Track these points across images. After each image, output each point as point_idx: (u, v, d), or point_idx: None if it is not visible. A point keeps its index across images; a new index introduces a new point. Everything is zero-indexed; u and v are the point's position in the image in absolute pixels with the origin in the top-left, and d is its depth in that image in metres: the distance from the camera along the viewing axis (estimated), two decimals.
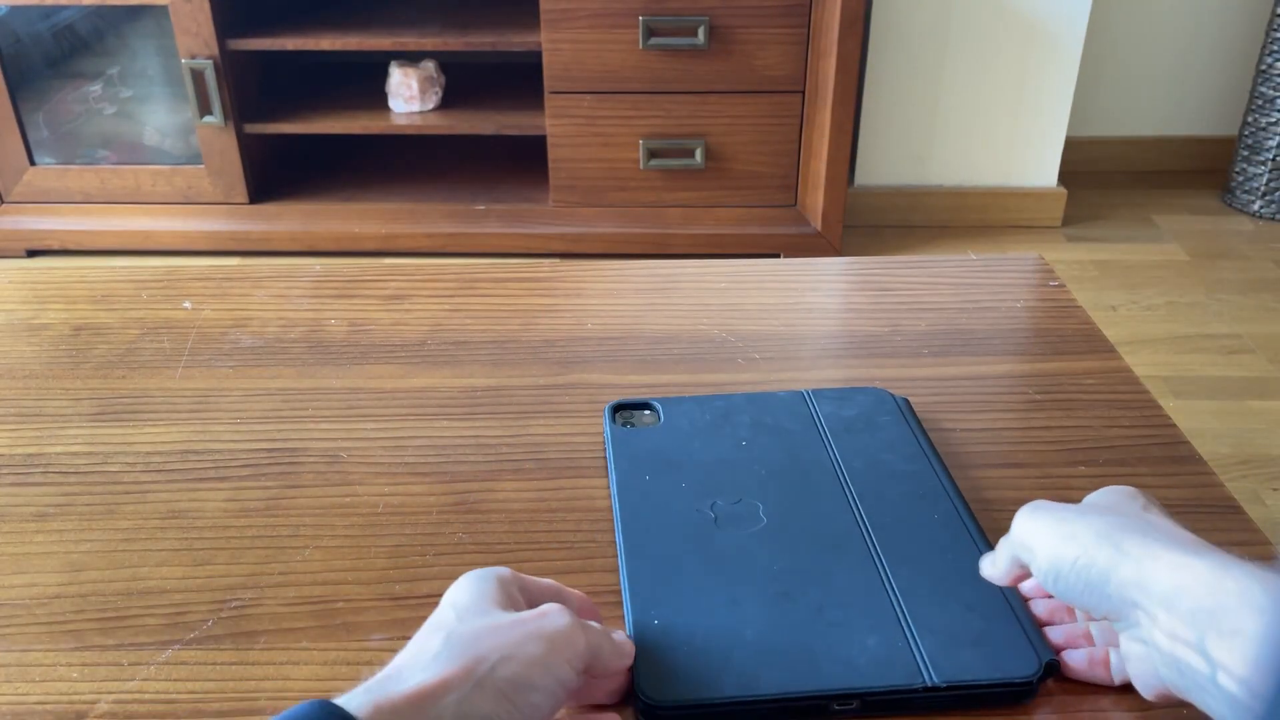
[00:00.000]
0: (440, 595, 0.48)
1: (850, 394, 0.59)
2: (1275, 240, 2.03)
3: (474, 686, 0.35)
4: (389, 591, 0.48)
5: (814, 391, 0.59)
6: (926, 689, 0.41)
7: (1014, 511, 0.53)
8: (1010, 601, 0.45)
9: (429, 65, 1.93)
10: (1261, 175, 2.09)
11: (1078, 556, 0.39)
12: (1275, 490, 1.31)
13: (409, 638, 0.46)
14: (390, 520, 0.52)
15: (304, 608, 0.47)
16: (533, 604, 0.41)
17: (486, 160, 2.07)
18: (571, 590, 0.44)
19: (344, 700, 0.35)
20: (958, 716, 0.41)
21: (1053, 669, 0.42)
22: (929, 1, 1.91)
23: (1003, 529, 0.54)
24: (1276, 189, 2.09)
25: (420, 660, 0.36)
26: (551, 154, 1.86)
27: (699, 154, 1.84)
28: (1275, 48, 2.01)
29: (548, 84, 1.80)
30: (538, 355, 0.66)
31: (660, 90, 1.80)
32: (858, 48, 1.72)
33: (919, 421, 0.57)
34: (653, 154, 1.85)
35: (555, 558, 0.50)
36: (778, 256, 1.90)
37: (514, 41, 1.80)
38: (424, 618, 0.47)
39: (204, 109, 1.82)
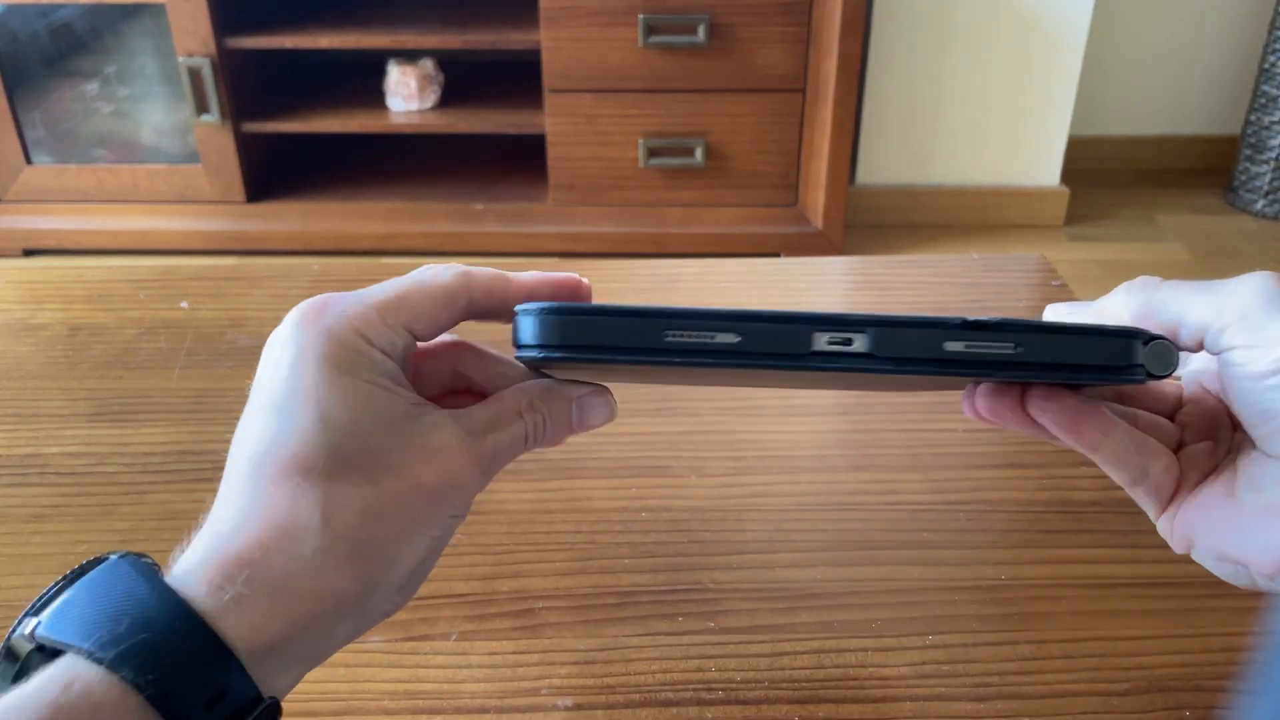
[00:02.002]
0: (438, 597, 0.48)
1: None
2: (1278, 239, 2.02)
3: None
4: None
5: None
6: (969, 325, 0.27)
7: (1017, 513, 0.53)
8: None
9: (427, 64, 1.93)
10: (1265, 174, 2.08)
11: None
12: None
13: (408, 639, 0.46)
14: None
15: None
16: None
17: (485, 159, 2.06)
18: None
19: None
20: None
21: (1163, 356, 0.29)
22: None
23: (1003, 529, 0.53)
24: (1279, 188, 2.08)
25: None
26: (551, 153, 1.86)
27: (699, 153, 1.84)
28: (1278, 46, 2.00)
29: (547, 82, 1.79)
30: None
31: (660, 89, 1.79)
32: (859, 46, 1.72)
33: None
34: (652, 153, 1.84)
35: (555, 559, 0.50)
36: (778, 256, 1.90)
37: (513, 40, 1.80)
38: (422, 619, 0.46)
39: (201, 108, 1.82)
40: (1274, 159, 2.06)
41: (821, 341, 0.28)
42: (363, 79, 2.01)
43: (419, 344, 0.29)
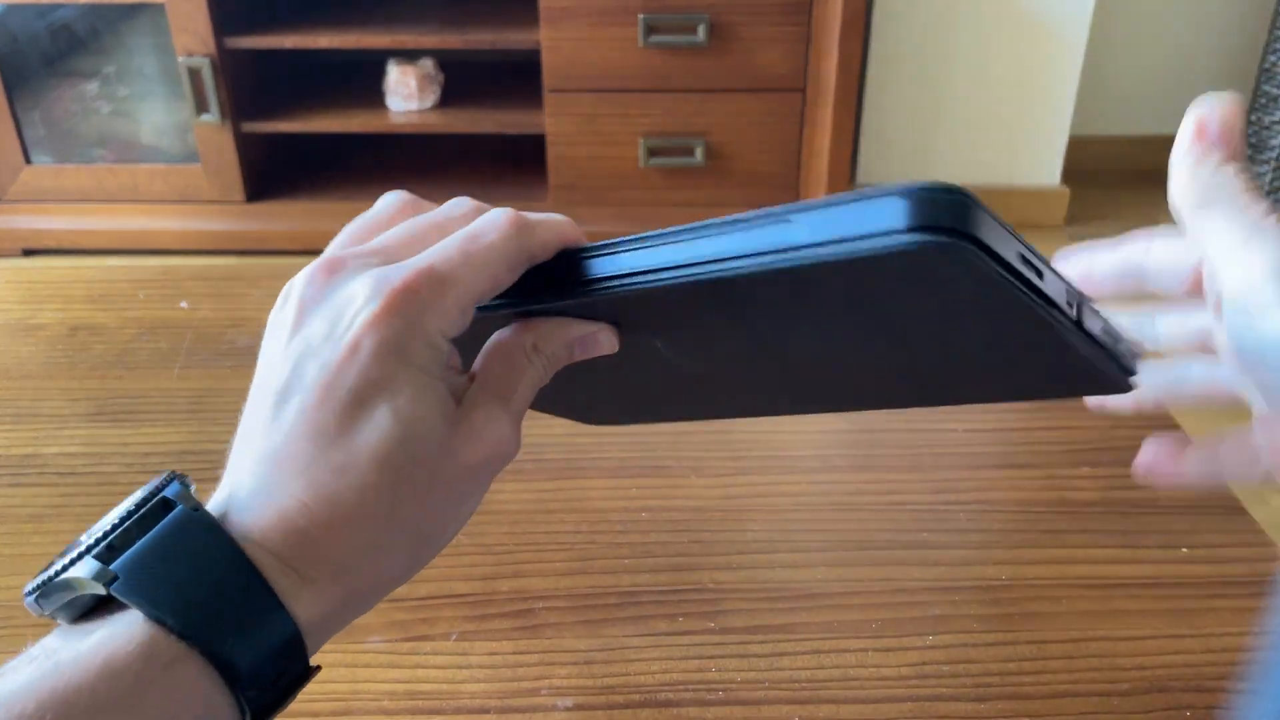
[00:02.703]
0: (438, 597, 0.48)
1: None
2: None
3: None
4: None
5: None
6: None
7: (1018, 514, 0.53)
8: None
9: (427, 63, 1.93)
10: (1265, 174, 2.08)
11: None
12: (1278, 491, 1.31)
13: (408, 639, 0.46)
14: None
15: None
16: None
17: (485, 159, 2.06)
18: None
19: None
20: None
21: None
22: None
23: (1004, 530, 0.53)
24: None
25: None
26: (550, 152, 1.86)
27: (699, 152, 1.84)
28: (1278, 46, 2.00)
29: (547, 82, 1.79)
30: None
31: (660, 88, 1.79)
32: (859, 45, 1.72)
33: None
34: (652, 152, 1.84)
35: (555, 559, 0.50)
36: None
37: (513, 39, 1.80)
38: (422, 619, 0.46)
39: (201, 107, 1.82)
40: (1275, 159, 2.06)
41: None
42: (362, 79, 2.01)
43: None
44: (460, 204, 0.30)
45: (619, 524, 0.52)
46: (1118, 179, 2.24)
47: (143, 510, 0.25)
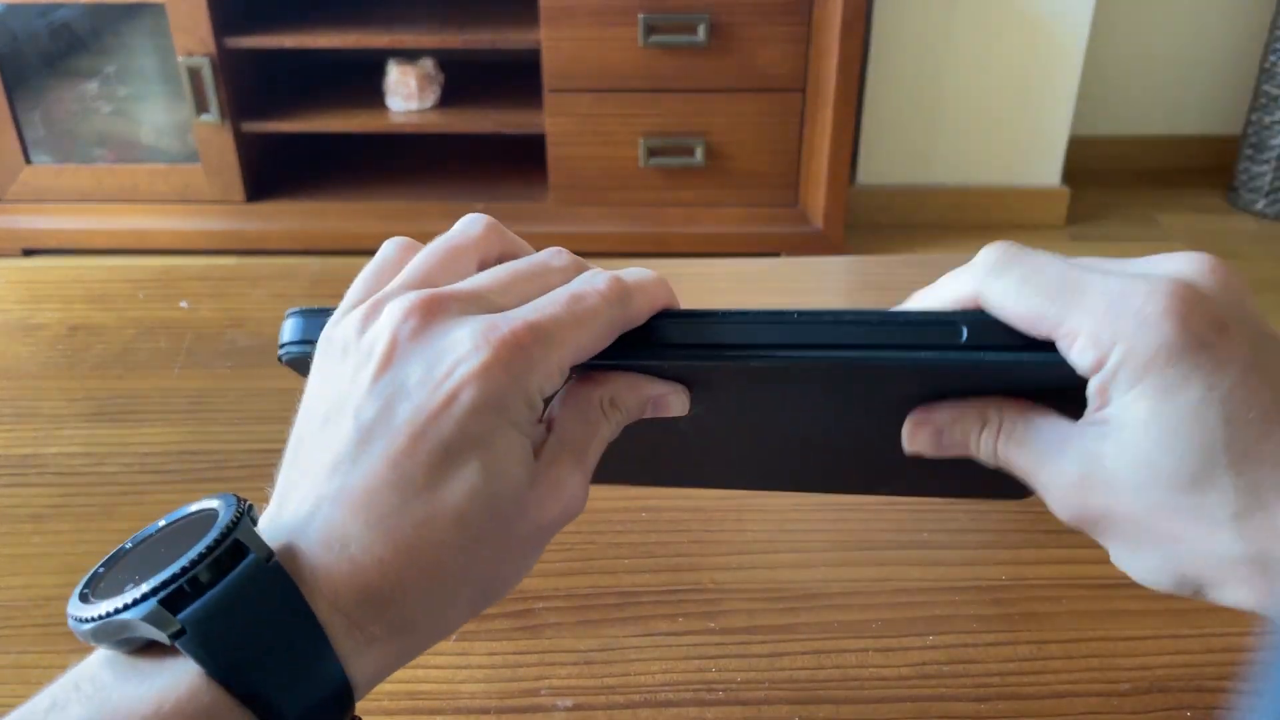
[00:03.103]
0: None
1: None
2: (1279, 239, 2.02)
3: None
4: None
5: None
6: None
7: (1018, 514, 0.53)
8: None
9: (427, 63, 1.93)
10: (1266, 174, 2.08)
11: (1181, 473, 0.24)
12: None
13: None
14: None
15: None
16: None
17: (485, 159, 2.06)
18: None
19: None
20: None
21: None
22: None
23: (1004, 530, 0.53)
24: None
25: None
26: (551, 152, 1.86)
27: (699, 152, 1.84)
28: (1278, 46, 2.00)
29: (547, 82, 1.79)
30: None
31: (660, 88, 1.79)
32: (859, 45, 1.72)
33: None
34: (652, 152, 1.84)
35: (555, 559, 0.50)
36: (778, 256, 1.90)
37: (513, 39, 1.80)
38: None
39: (201, 107, 1.82)
40: (1275, 159, 2.06)
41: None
42: (362, 79, 2.01)
43: None
44: (559, 255, 0.29)
45: (619, 524, 0.52)
46: (1118, 179, 2.24)
47: (215, 553, 0.23)
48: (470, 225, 0.30)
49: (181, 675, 0.22)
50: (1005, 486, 0.29)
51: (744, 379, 0.28)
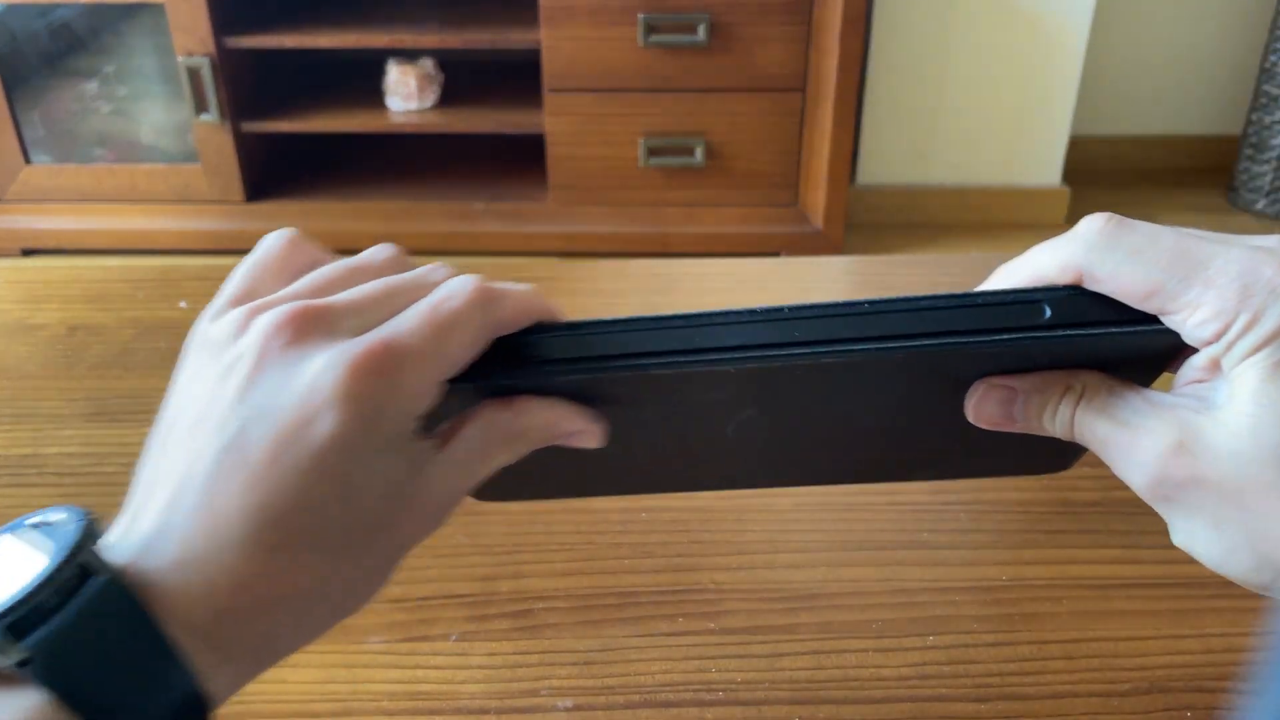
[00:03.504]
0: (438, 597, 0.48)
1: None
2: None
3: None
4: (386, 593, 0.47)
5: None
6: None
7: (1018, 514, 0.53)
8: None
9: (427, 63, 1.92)
10: (1266, 174, 2.08)
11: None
12: None
13: (407, 639, 0.45)
14: None
15: None
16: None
17: (485, 159, 2.06)
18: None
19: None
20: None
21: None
22: None
23: (1004, 530, 0.53)
24: None
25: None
26: (550, 152, 1.86)
27: (699, 152, 1.84)
28: (1278, 46, 2.00)
29: (547, 82, 1.79)
30: None
31: (660, 88, 1.79)
32: (859, 45, 1.72)
33: None
34: (652, 152, 1.84)
35: (555, 559, 0.50)
36: (778, 255, 1.90)
37: (513, 39, 1.80)
38: (422, 619, 0.46)
39: (200, 107, 1.82)
40: (1275, 158, 2.06)
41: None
42: (362, 78, 2.01)
43: None
44: (435, 270, 0.29)
45: (619, 524, 0.52)
46: (1118, 179, 2.24)
47: (62, 576, 0.23)
48: (271, 241, 0.30)
49: (28, 702, 0.22)
50: (1030, 463, 0.29)
51: (805, 374, 0.27)
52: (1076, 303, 0.26)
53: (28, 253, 1.95)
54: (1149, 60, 2.21)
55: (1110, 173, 2.26)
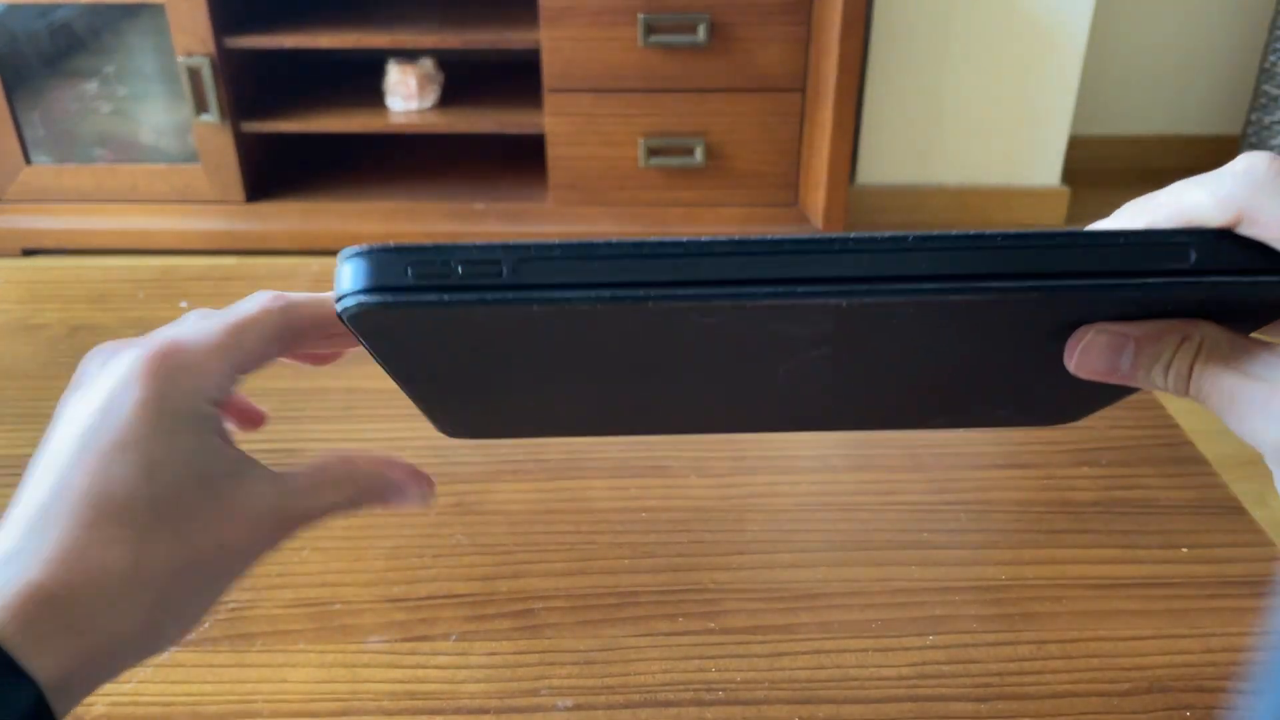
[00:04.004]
0: (438, 597, 0.48)
1: None
2: None
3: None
4: (387, 593, 0.48)
5: None
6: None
7: (1018, 514, 0.53)
8: None
9: (427, 63, 1.92)
10: None
11: None
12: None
13: (408, 639, 0.46)
14: (388, 521, 0.52)
15: (301, 609, 0.47)
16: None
17: (485, 158, 2.06)
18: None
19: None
20: None
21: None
22: None
23: (1004, 530, 0.53)
24: None
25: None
26: (550, 152, 1.86)
27: (699, 152, 1.84)
28: (1279, 46, 2.00)
29: (547, 82, 1.79)
30: None
31: (660, 88, 1.79)
32: (859, 45, 1.72)
33: None
34: (652, 152, 1.84)
35: (555, 559, 0.50)
36: None
37: (513, 39, 1.80)
38: (422, 619, 0.46)
39: (200, 107, 1.82)
40: None
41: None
42: (362, 78, 2.01)
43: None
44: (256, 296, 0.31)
45: (619, 524, 0.52)
46: (1118, 179, 2.24)
47: None
48: (254, 301, 0.31)
49: None
50: (1051, 411, 0.27)
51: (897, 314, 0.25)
52: (1223, 248, 0.24)
53: (28, 253, 1.95)
54: (1149, 60, 2.21)
55: (1110, 173, 2.26)
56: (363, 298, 0.24)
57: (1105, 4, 2.09)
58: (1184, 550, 0.50)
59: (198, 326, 0.29)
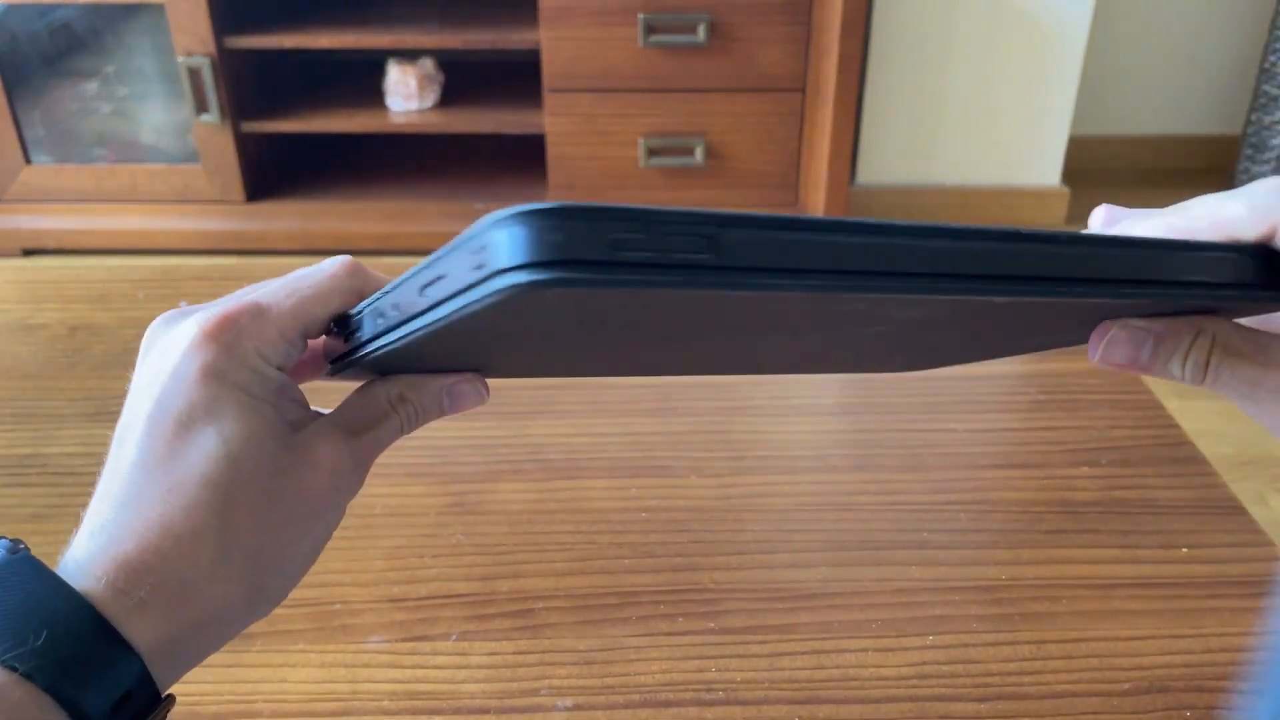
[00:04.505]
0: (438, 597, 0.48)
1: None
2: None
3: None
4: (387, 593, 0.48)
5: None
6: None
7: (1018, 514, 0.53)
8: None
9: (427, 63, 1.92)
10: (1266, 174, 2.08)
11: None
12: (1278, 491, 1.31)
13: (408, 639, 0.46)
14: (388, 521, 0.52)
15: (301, 609, 0.47)
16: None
17: (485, 159, 2.06)
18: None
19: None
20: None
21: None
22: None
23: (1004, 530, 0.53)
24: None
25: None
26: (550, 152, 1.86)
27: (699, 152, 1.84)
28: (1279, 46, 2.00)
29: (546, 82, 1.79)
30: None
31: (660, 88, 1.79)
32: (859, 45, 1.72)
33: None
34: (652, 152, 1.84)
35: (554, 559, 0.50)
36: None
37: (513, 39, 1.80)
38: (422, 619, 0.46)
39: (201, 107, 1.82)
40: (1275, 159, 2.06)
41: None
42: (362, 78, 2.01)
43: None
44: (346, 269, 0.31)
45: (619, 524, 0.52)
46: (1118, 179, 2.24)
47: None
48: (324, 267, 0.31)
49: None
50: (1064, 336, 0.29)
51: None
52: (1259, 263, 0.26)
53: (28, 253, 1.95)
54: (1149, 60, 2.21)
55: (1110, 173, 2.25)
56: (539, 274, 0.19)
57: (1105, 4, 2.09)
58: (1184, 550, 0.50)
59: (264, 288, 0.29)
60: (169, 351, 0.28)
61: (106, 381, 0.64)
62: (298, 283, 0.29)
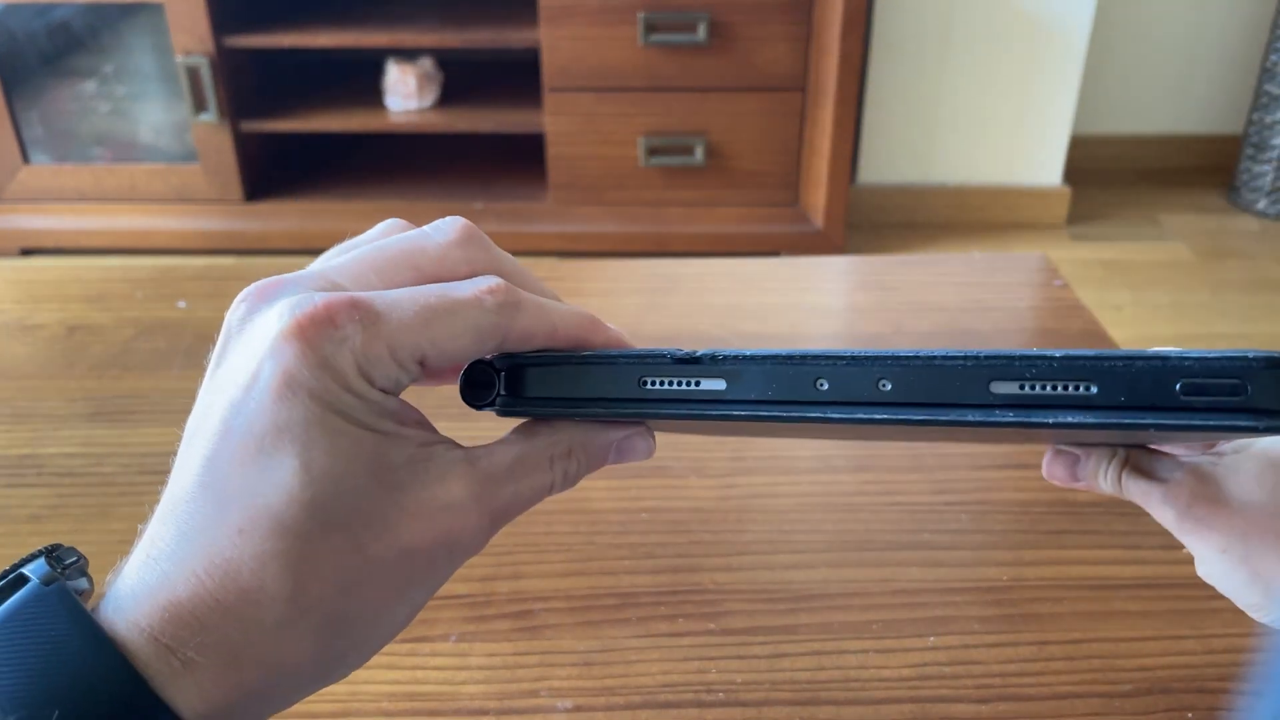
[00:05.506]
0: (438, 598, 0.48)
1: None
2: None
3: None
4: None
5: None
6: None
7: (1018, 514, 0.53)
8: None
9: (426, 62, 1.92)
10: (1267, 173, 2.08)
11: None
12: None
13: (407, 640, 0.45)
14: None
15: None
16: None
17: (484, 158, 2.06)
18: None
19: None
20: None
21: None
22: None
23: (1005, 530, 0.53)
24: None
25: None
26: (550, 151, 1.85)
27: (699, 152, 1.83)
28: (1279, 46, 2.00)
29: (546, 81, 1.79)
30: None
31: (660, 87, 1.79)
32: (860, 44, 1.72)
33: None
34: (652, 152, 1.84)
35: (555, 560, 0.49)
36: (778, 255, 1.90)
37: (512, 38, 1.80)
38: (421, 620, 0.46)
39: (199, 106, 1.82)
40: (1276, 158, 2.06)
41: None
42: (361, 78, 2.01)
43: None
44: (465, 240, 0.25)
45: (619, 525, 0.51)
46: (1118, 179, 2.24)
47: None
48: (381, 226, 0.26)
49: None
50: None
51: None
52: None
53: (26, 252, 1.95)
54: (1150, 59, 2.20)
55: (1110, 173, 2.25)
56: None
57: (1107, 3, 2.08)
58: (1185, 551, 0.50)
59: (392, 293, 0.23)
60: (252, 345, 0.22)
61: (104, 382, 0.63)
62: (433, 298, 0.23)
